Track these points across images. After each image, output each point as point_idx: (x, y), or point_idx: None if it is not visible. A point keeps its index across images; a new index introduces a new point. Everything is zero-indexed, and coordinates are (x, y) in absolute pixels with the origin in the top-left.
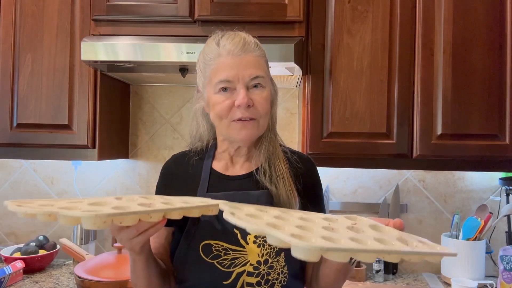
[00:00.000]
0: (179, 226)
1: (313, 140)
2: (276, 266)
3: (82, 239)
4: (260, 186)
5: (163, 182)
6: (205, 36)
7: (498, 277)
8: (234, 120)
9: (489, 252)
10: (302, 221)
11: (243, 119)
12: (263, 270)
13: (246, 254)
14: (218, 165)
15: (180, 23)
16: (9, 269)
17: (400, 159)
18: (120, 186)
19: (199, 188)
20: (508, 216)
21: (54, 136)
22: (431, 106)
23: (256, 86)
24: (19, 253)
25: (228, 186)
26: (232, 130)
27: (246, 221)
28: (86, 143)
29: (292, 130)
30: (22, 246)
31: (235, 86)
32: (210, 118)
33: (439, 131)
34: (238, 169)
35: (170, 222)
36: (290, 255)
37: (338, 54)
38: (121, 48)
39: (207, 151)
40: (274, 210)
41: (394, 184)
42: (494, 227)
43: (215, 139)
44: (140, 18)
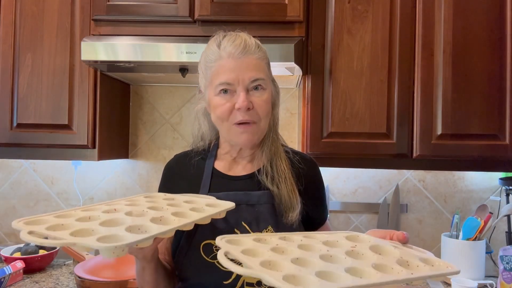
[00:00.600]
0: None
1: (313, 140)
2: None
3: None
4: (262, 187)
5: (166, 182)
6: (205, 36)
7: (498, 277)
8: (235, 123)
9: (489, 252)
10: (300, 251)
11: (244, 122)
12: None
13: None
14: (221, 165)
15: (180, 23)
16: (9, 269)
17: (400, 159)
18: (120, 186)
19: (201, 187)
20: (508, 216)
21: (54, 136)
22: (431, 106)
23: (256, 88)
24: (19, 253)
25: (230, 186)
26: (233, 133)
27: (241, 260)
28: (86, 143)
29: (292, 130)
30: (22, 246)
31: (235, 89)
32: (212, 119)
33: (439, 131)
34: (241, 169)
35: None
36: None
37: (338, 54)
38: (121, 48)
39: (209, 151)
40: (273, 238)
41: (394, 184)
42: (494, 227)
43: (217, 139)
44: (140, 18)
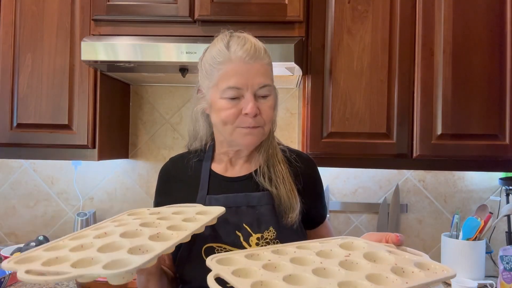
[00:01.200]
0: None
1: (313, 140)
2: None
3: None
4: (260, 188)
5: (162, 186)
6: (205, 36)
7: (498, 277)
8: (242, 127)
9: (489, 252)
10: (293, 266)
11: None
12: None
13: None
14: (218, 166)
15: (180, 23)
16: None
17: (400, 159)
18: (120, 186)
19: (200, 190)
20: (508, 216)
21: (54, 136)
22: (431, 106)
23: (264, 97)
24: (19, 253)
25: (228, 187)
26: (236, 135)
27: (232, 283)
28: (86, 143)
29: (292, 130)
30: (22, 246)
31: (243, 94)
32: (212, 120)
33: (439, 131)
34: (238, 170)
35: None
36: None
37: (338, 54)
38: (121, 48)
39: (206, 153)
40: (266, 252)
41: (394, 184)
42: (494, 227)
43: (213, 140)
44: (140, 18)
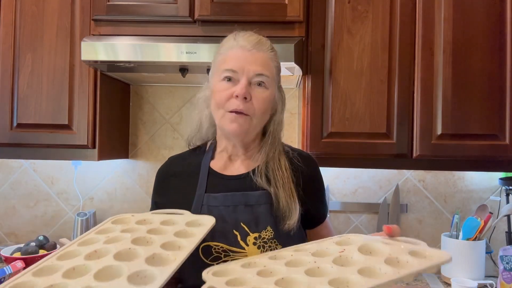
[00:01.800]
0: None
1: (313, 140)
2: None
3: None
4: (258, 187)
5: (160, 185)
6: (205, 36)
7: (498, 277)
8: (229, 111)
9: (489, 252)
10: (287, 268)
11: (237, 112)
12: None
13: (246, 256)
14: (217, 164)
15: (180, 23)
16: (9, 269)
17: (400, 159)
18: (120, 186)
19: (198, 187)
20: (508, 216)
21: (54, 136)
22: (431, 106)
23: (259, 84)
24: (19, 253)
25: (226, 185)
26: (224, 120)
27: None
28: (86, 143)
29: (292, 130)
30: (22, 246)
31: (239, 78)
32: (211, 106)
33: (439, 131)
34: (237, 168)
35: None
36: None
37: (338, 54)
38: (121, 48)
39: (206, 151)
40: (263, 259)
41: (394, 184)
42: (494, 227)
43: (215, 139)
44: (140, 18)
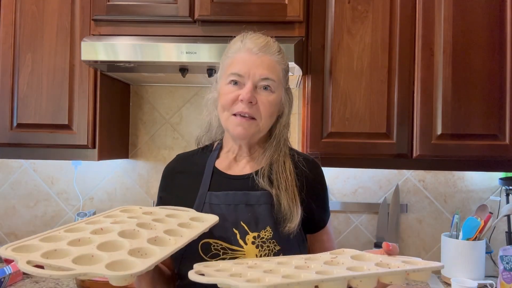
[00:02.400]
0: None
1: (313, 140)
2: None
3: None
4: (261, 188)
5: (166, 181)
6: (205, 36)
7: (498, 277)
8: (234, 114)
9: (489, 252)
10: (277, 265)
11: (243, 115)
12: None
13: (245, 255)
14: (222, 164)
15: (180, 23)
16: (9, 269)
17: (400, 159)
18: (120, 186)
19: (201, 185)
20: (508, 216)
21: (54, 136)
22: (431, 106)
23: (265, 88)
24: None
25: (229, 185)
26: (229, 123)
27: (209, 276)
28: (86, 143)
29: (292, 130)
30: None
31: (245, 82)
32: (218, 109)
33: (439, 131)
34: (240, 169)
35: None
36: None
37: (338, 54)
38: (121, 48)
39: (213, 150)
40: (253, 261)
41: (394, 184)
42: (494, 227)
43: (222, 139)
44: (140, 18)
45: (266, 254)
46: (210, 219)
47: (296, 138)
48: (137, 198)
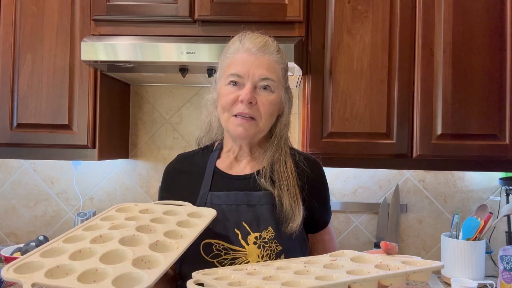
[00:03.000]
0: None
1: (313, 140)
2: None
3: None
4: (262, 188)
5: (167, 181)
6: (205, 36)
7: (498, 277)
8: (235, 114)
9: (489, 252)
10: (276, 270)
11: (243, 116)
12: None
13: (246, 255)
14: (223, 164)
15: (180, 23)
16: None
17: (400, 159)
18: (120, 186)
19: (203, 185)
20: (508, 216)
21: (54, 136)
22: (431, 106)
23: (265, 88)
24: (19, 253)
25: (230, 185)
26: (230, 124)
27: (208, 286)
28: (86, 143)
29: (292, 130)
30: (22, 246)
31: (244, 82)
32: (218, 109)
33: (439, 131)
34: (241, 169)
35: None
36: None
37: (338, 54)
38: (121, 48)
39: (214, 150)
40: (253, 266)
41: (394, 184)
42: (494, 227)
43: (223, 139)
44: (140, 18)
45: (268, 254)
46: (207, 214)
47: (296, 138)
48: (137, 198)
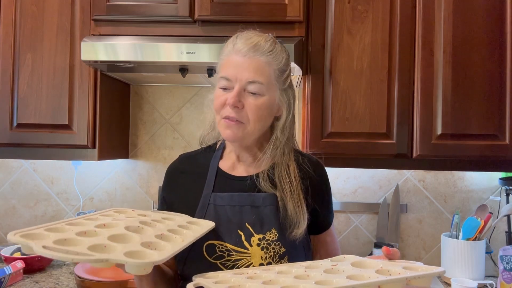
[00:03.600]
0: None
1: (313, 140)
2: None
3: None
4: (264, 189)
5: (169, 182)
6: (205, 36)
7: (498, 277)
8: (223, 117)
9: (489, 252)
10: (277, 275)
11: (230, 119)
12: None
13: (250, 256)
14: (225, 164)
15: (180, 23)
16: (9, 269)
17: (400, 159)
18: (120, 186)
19: (206, 186)
20: (508, 216)
21: (54, 136)
22: (431, 106)
23: (253, 93)
24: (19, 253)
25: (233, 186)
26: (220, 126)
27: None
28: (86, 143)
29: None
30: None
31: (233, 86)
32: None
33: (439, 131)
34: (245, 170)
35: None
36: (293, 259)
37: (338, 54)
38: (121, 48)
39: (216, 150)
40: (253, 271)
41: (394, 184)
42: (494, 227)
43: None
44: (140, 18)
45: (271, 256)
46: (205, 225)
47: (296, 138)
48: (137, 198)
